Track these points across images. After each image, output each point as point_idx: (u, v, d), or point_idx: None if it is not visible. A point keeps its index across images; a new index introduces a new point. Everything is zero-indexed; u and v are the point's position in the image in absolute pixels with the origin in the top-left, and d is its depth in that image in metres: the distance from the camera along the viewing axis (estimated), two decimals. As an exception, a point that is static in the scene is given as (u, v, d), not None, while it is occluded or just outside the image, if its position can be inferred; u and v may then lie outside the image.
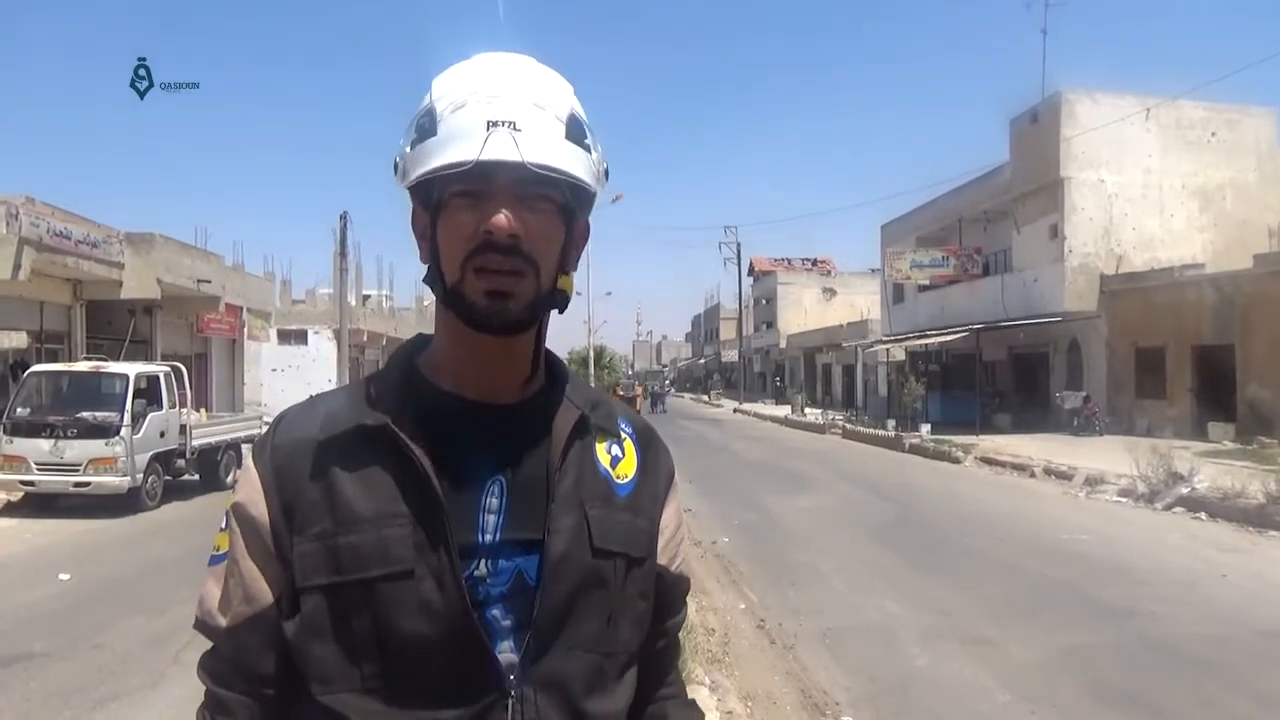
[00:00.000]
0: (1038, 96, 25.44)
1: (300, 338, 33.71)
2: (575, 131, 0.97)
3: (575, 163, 0.95)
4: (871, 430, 24.98)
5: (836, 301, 56.43)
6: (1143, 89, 24.42)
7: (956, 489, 14.64)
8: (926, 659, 5.95)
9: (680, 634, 1.21)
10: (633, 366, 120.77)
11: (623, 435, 1.10)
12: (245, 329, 28.65)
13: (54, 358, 17.79)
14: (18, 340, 16.93)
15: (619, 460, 1.07)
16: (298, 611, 0.95)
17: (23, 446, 11.85)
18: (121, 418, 12.10)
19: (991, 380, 28.38)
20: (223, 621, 0.99)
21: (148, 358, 19.45)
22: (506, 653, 0.94)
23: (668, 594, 1.13)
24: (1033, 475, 15.85)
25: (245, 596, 0.98)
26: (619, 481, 1.06)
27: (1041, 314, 24.36)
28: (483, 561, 0.95)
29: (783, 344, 55.33)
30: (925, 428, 23.11)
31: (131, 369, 13.20)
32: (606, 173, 1.03)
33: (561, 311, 1.05)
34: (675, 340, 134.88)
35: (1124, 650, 6.04)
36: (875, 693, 5.40)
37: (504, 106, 0.93)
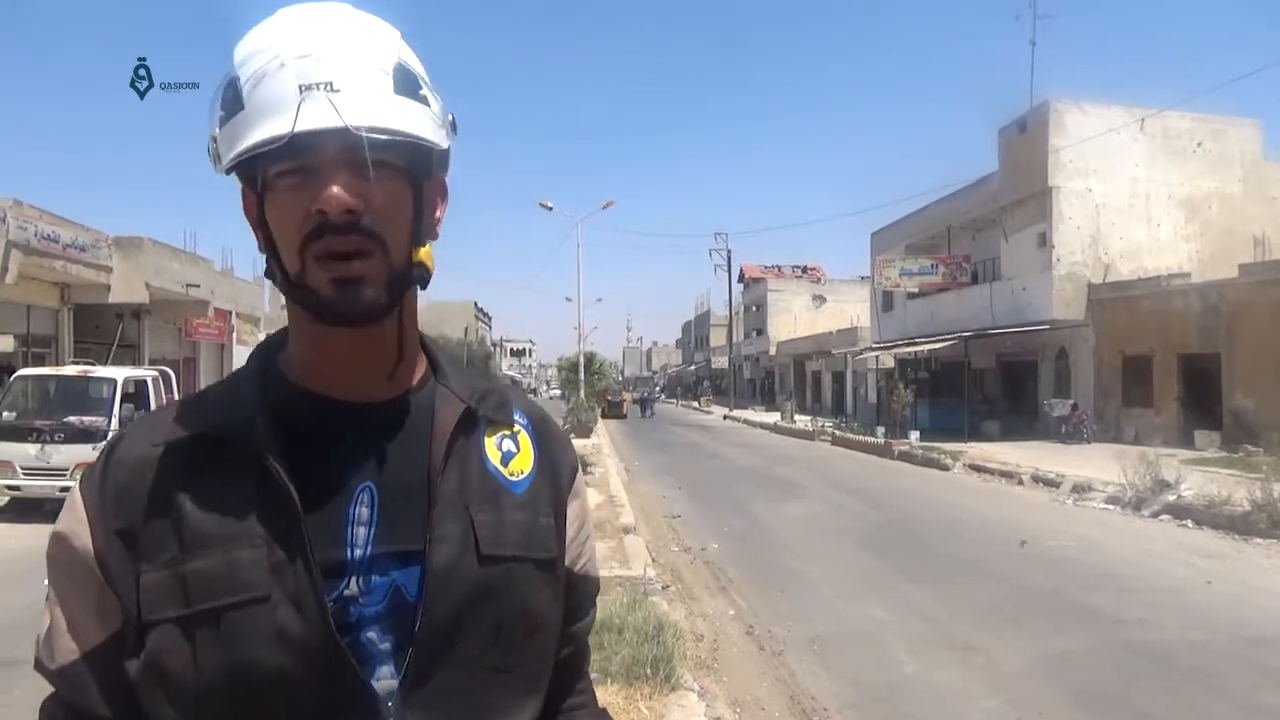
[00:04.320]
0: (1026, 107, 25.66)
1: (289, 343, 33.57)
2: (405, 83, 0.86)
3: (410, 118, 0.85)
4: (861, 437, 25.02)
5: (826, 309, 56.61)
6: (1130, 100, 24.70)
7: (945, 496, 14.68)
8: (914, 665, 5.96)
9: (589, 638, 1.12)
10: (623, 373, 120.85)
11: (517, 427, 1.00)
12: (234, 333, 28.58)
13: (41, 362, 17.70)
14: (4, 344, 16.84)
15: (512, 455, 0.97)
16: (143, 648, 0.82)
17: (8, 451, 11.75)
18: (109, 422, 12.01)
19: (980, 388, 28.50)
20: (52, 663, 0.88)
21: (135, 362, 19.39)
22: (386, 679, 0.84)
23: (573, 596, 1.02)
24: (1020, 483, 15.91)
25: (72, 635, 0.87)
26: (512, 478, 0.96)
27: (1030, 322, 24.50)
28: (353, 579, 0.85)
29: (773, 351, 55.44)
30: (914, 435, 23.18)
31: (119, 373, 13.12)
32: (454, 124, 0.92)
33: (423, 287, 0.94)
34: (666, 346, 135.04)
35: (1110, 656, 6.07)
36: (863, 699, 5.41)
37: (316, 66, 0.82)
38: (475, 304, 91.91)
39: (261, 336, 33.49)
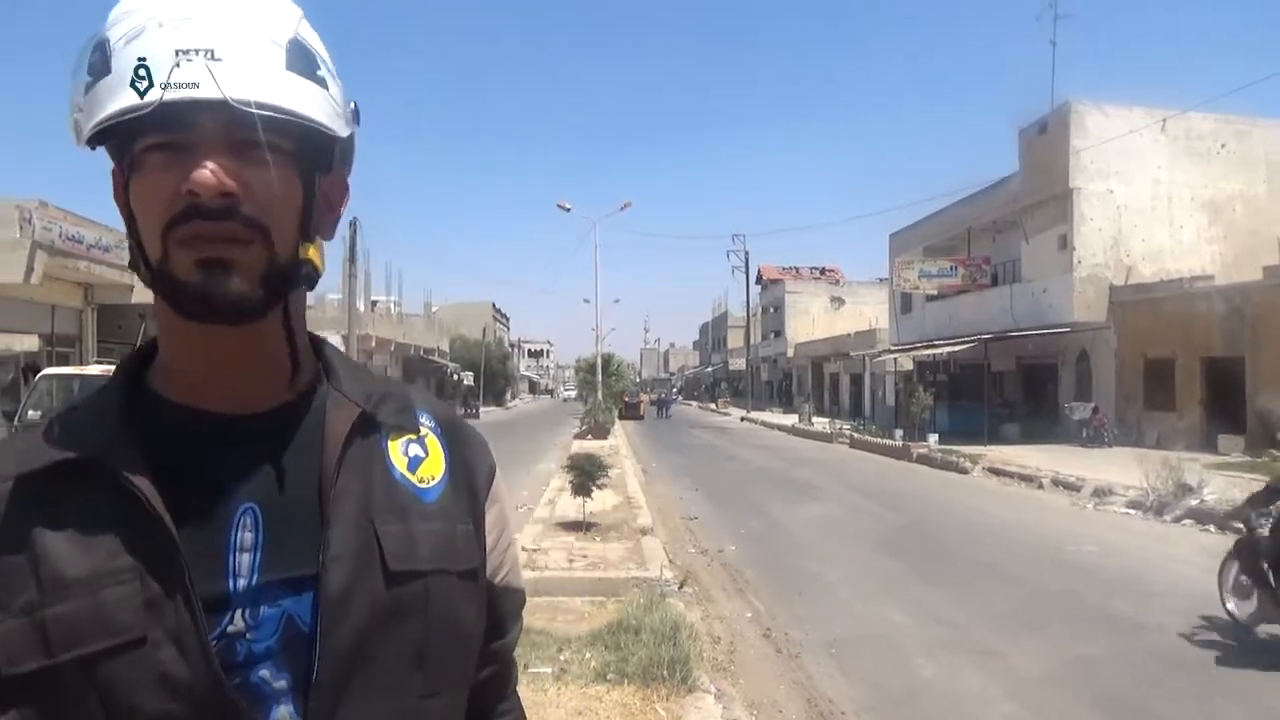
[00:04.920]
0: (1047, 108, 25.46)
1: (309, 343, 33.90)
2: (301, 61, 0.77)
3: (302, 98, 0.75)
4: (879, 440, 24.92)
5: (844, 311, 56.44)
6: (1152, 101, 24.46)
7: (964, 499, 14.60)
8: (932, 669, 5.94)
9: (514, 655, 1.03)
10: (640, 374, 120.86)
11: (423, 431, 0.91)
12: (254, 334, 28.78)
13: (65, 361, 17.93)
14: (29, 343, 17.05)
15: (420, 461, 0.88)
16: (9, 704, 0.72)
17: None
18: (131, 421, 12.16)
19: (1000, 391, 28.31)
20: None
21: (157, 362, 19.52)
22: (287, 719, 0.76)
23: (495, 611, 0.94)
24: (1040, 486, 15.81)
25: None
26: (422, 486, 0.87)
27: (1050, 324, 24.32)
28: (238, 612, 0.76)
29: (790, 353, 55.31)
30: (933, 438, 23.05)
31: (141, 373, 13.26)
32: (356, 113, 0.84)
33: (310, 288, 0.85)
34: (683, 348, 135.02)
35: (1130, 661, 6.02)
36: (881, 703, 5.39)
37: (197, 30, 0.72)
38: (493, 304, 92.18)
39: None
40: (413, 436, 0.89)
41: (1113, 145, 23.49)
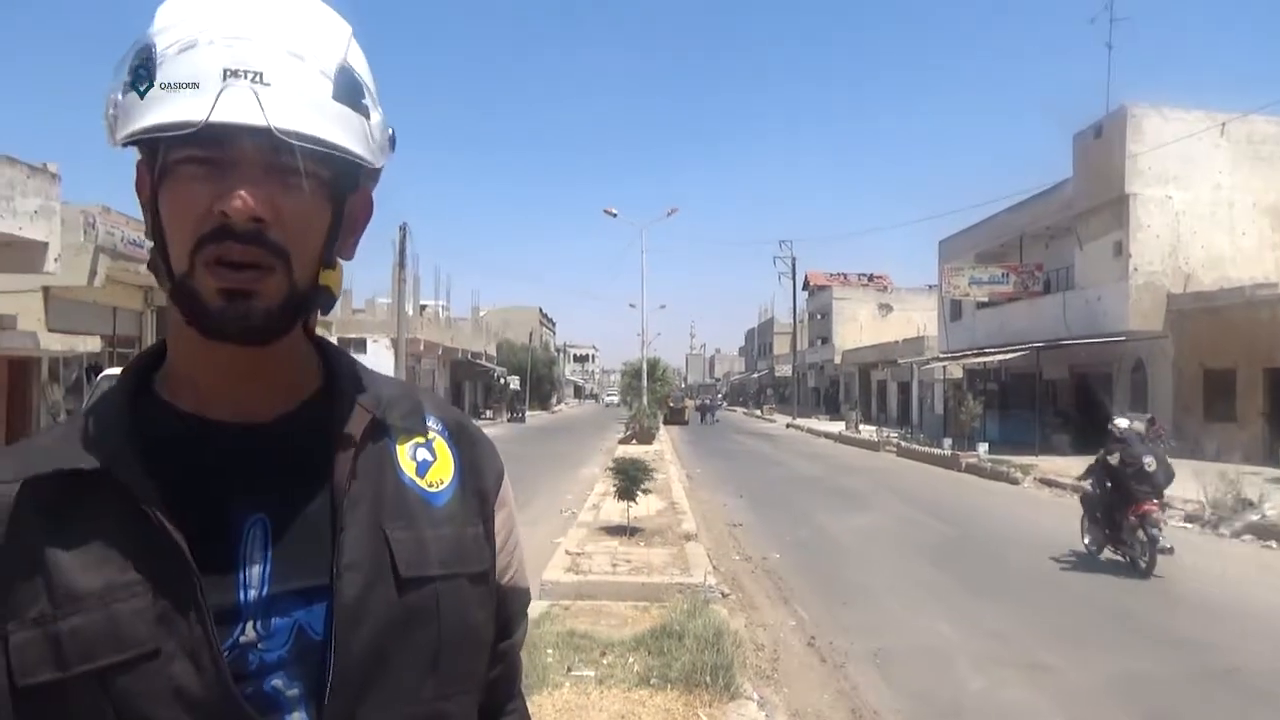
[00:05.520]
0: (1102, 111, 24.95)
1: (359, 346, 34.61)
2: (347, 90, 0.76)
3: (343, 130, 0.76)
4: (927, 449, 24.59)
5: (893, 318, 55.78)
6: (1212, 104, 23.84)
7: (1014, 510, 14.36)
8: (980, 682, 5.85)
9: (520, 655, 1.03)
10: (686, 380, 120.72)
11: (431, 434, 0.91)
12: (306, 337, 29.37)
13: (125, 361, 18.39)
14: (92, 344, 17.57)
15: (429, 465, 0.88)
16: (23, 716, 0.72)
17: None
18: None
19: (1052, 400, 27.76)
20: None
21: (213, 363, 20.01)
22: None
23: (504, 611, 0.94)
24: (1094, 498, 15.45)
25: None
26: (431, 490, 0.87)
27: (1105, 333, 23.81)
28: (250, 624, 0.76)
29: (837, 359, 54.82)
30: (982, 447, 22.69)
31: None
32: (393, 141, 0.83)
33: (325, 313, 0.85)
34: (729, 354, 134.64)
35: (1186, 681, 5.87)
36: (926, 715, 5.33)
37: (248, 52, 0.72)
38: (540, 309, 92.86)
39: (333, 340, 34.96)
40: (421, 440, 0.89)
41: (1171, 149, 22.95)
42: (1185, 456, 20.05)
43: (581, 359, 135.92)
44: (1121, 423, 10.19)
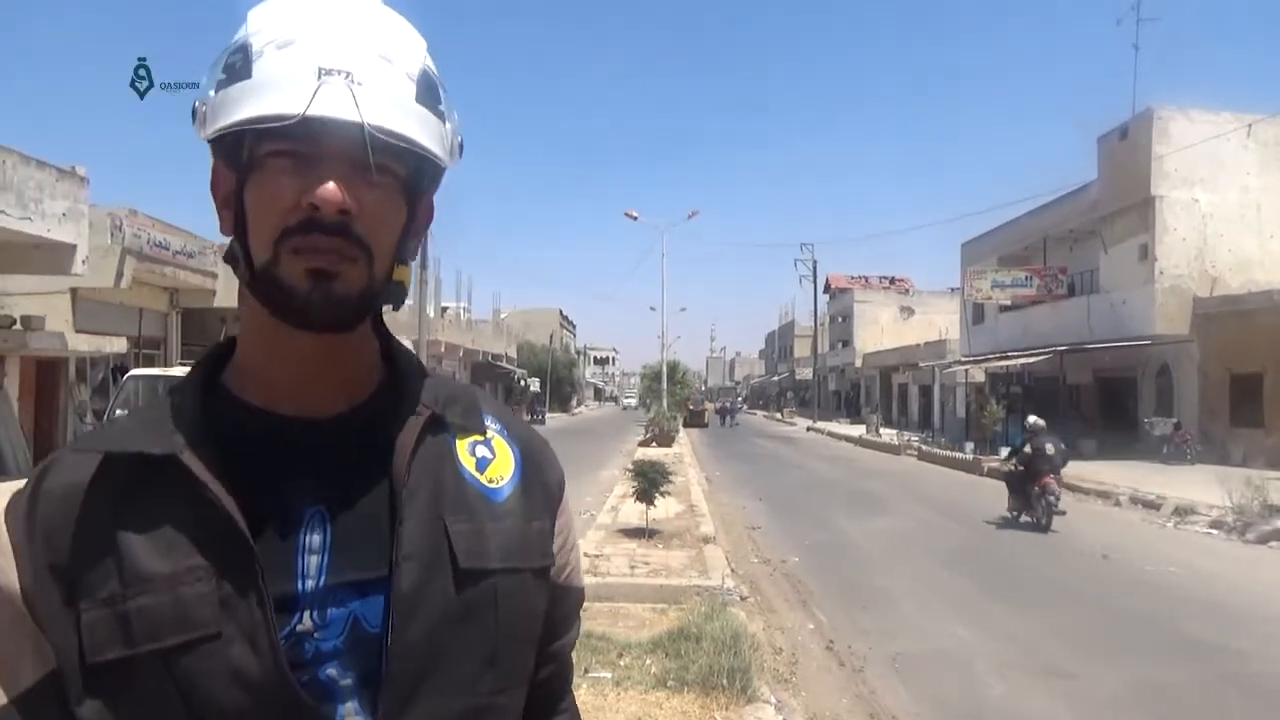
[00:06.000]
0: (1127, 113, 24.71)
1: (381, 347, 34.73)
2: (428, 93, 0.80)
3: (426, 131, 0.79)
4: (948, 453, 24.41)
5: (914, 320, 55.49)
6: (1240, 105, 23.54)
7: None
8: (1000, 688, 5.81)
9: (571, 655, 1.03)
10: (706, 383, 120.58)
11: (490, 433, 0.92)
12: (329, 338, 29.56)
13: (150, 363, 18.69)
14: (118, 345, 17.78)
15: (488, 462, 0.90)
16: (93, 691, 0.74)
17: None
18: (211, 422, 12.59)
19: (1076, 404, 27.51)
20: None
21: (237, 364, 20.20)
22: (351, 715, 0.78)
23: (557, 610, 0.95)
24: (1118, 503, 15.31)
25: (1, 677, 0.78)
26: (491, 486, 0.88)
27: (1130, 337, 23.56)
28: (307, 613, 0.78)
29: (858, 363, 54.59)
30: (1004, 451, 22.45)
31: (222, 375, 13.74)
32: (461, 147, 0.87)
33: (396, 308, 0.88)
34: (749, 357, 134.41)
35: (1210, 688, 5.81)
36: (945, 720, 5.30)
37: (342, 53, 0.75)
38: (560, 311, 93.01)
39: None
40: (479, 438, 0.91)
41: (1197, 151, 22.68)
42: (1211, 462, 19.86)
43: (602, 361, 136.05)
44: (1032, 419, 13.48)
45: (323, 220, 0.76)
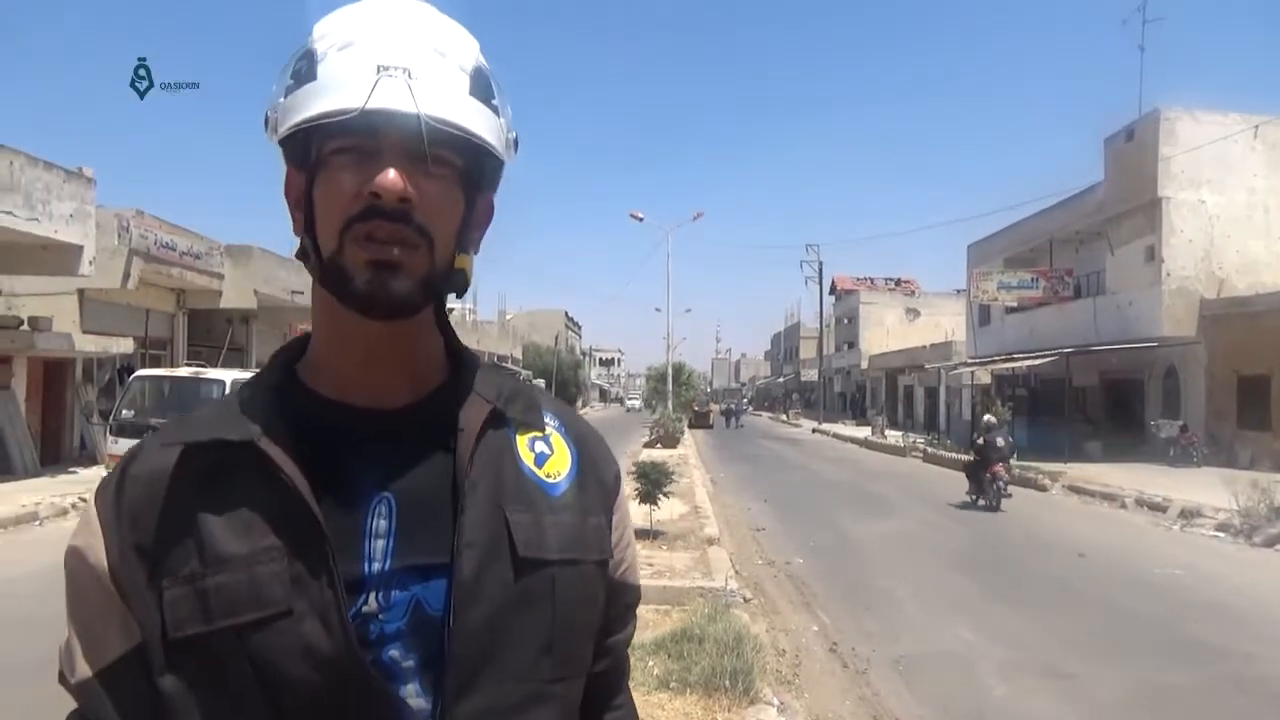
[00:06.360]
0: (1134, 114, 24.62)
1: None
2: (481, 87, 0.84)
3: (480, 122, 0.83)
4: (954, 454, 24.33)
5: (920, 322, 55.35)
6: (1247, 106, 23.45)
7: (1041, 517, 14.19)
8: (1004, 691, 5.80)
9: (628, 652, 1.05)
10: (711, 384, 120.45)
11: (549, 430, 0.96)
12: (335, 339, 29.60)
13: (157, 363, 18.73)
14: (125, 345, 17.86)
15: (546, 457, 0.93)
16: (174, 665, 0.79)
17: (127, 447, 12.43)
18: (218, 422, 12.61)
19: (1082, 406, 27.44)
20: (73, 676, 0.84)
21: (243, 365, 20.30)
22: (413, 697, 0.81)
23: (614, 606, 0.97)
24: (1124, 506, 15.27)
25: (90, 650, 0.83)
26: (549, 480, 0.91)
27: (1136, 339, 23.50)
28: (372, 595, 0.81)
29: (864, 364, 54.49)
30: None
31: (228, 376, 13.78)
32: (516, 142, 0.90)
33: (460, 296, 0.92)
34: (754, 358, 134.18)
35: (1216, 692, 5.79)
36: (949, 722, 5.29)
37: (398, 50, 0.80)
38: (565, 313, 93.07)
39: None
40: (539, 434, 0.94)
41: (1204, 152, 22.60)
42: (1218, 464, 19.78)
43: (607, 362, 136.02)
44: (987, 417, 16.71)
45: (384, 208, 0.79)
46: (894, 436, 33.30)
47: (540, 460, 0.92)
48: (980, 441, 15.30)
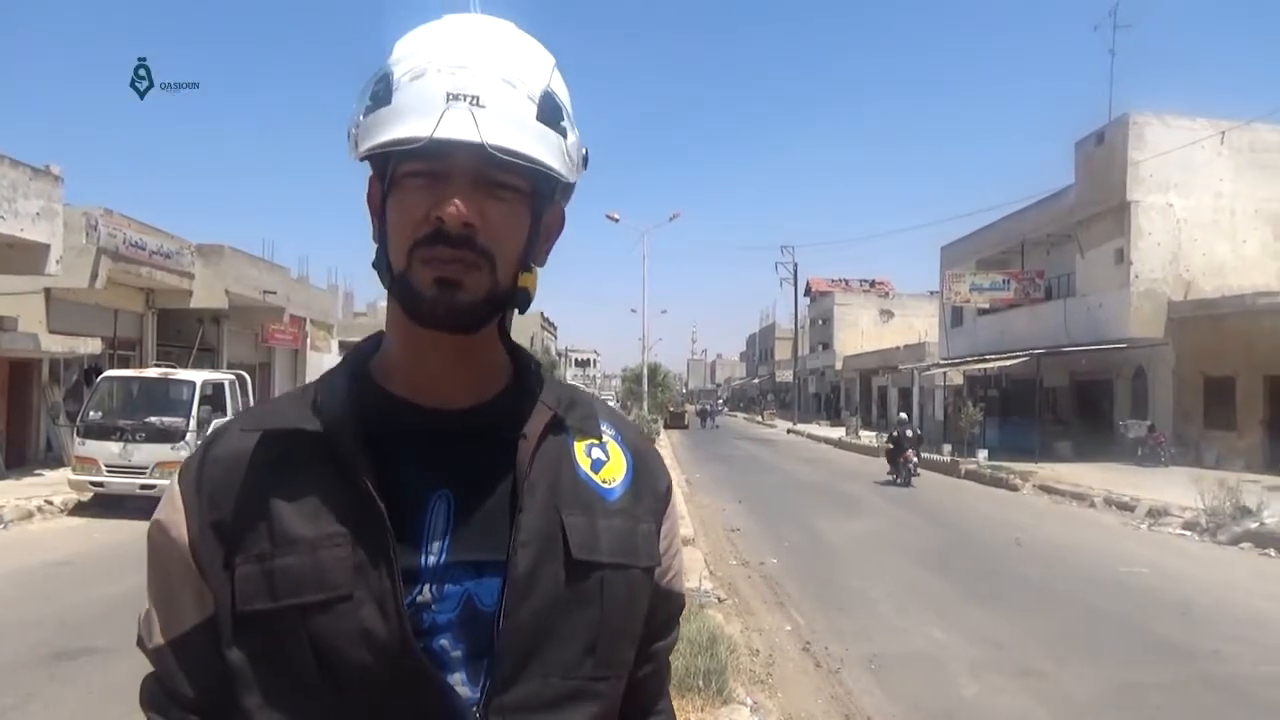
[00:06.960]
0: (1104, 119, 24.96)
1: (360, 349, 34.54)
2: (549, 112, 0.87)
3: (545, 147, 0.86)
4: (927, 455, 24.54)
5: (894, 323, 55.79)
6: (1214, 112, 23.85)
7: (1012, 517, 14.33)
8: (974, 689, 5.85)
9: (670, 658, 1.09)
10: (687, 385, 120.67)
11: (605, 438, 1.00)
12: (309, 340, 29.35)
13: (126, 364, 18.44)
14: (93, 346, 17.58)
15: (602, 464, 0.97)
16: (240, 638, 0.85)
17: (94, 449, 12.26)
18: (188, 423, 12.47)
19: (1052, 407, 27.76)
20: (150, 642, 0.91)
21: (214, 366, 20.06)
22: (459, 685, 0.85)
23: (659, 612, 1.01)
24: (1093, 505, 15.47)
25: (167, 618, 0.90)
26: (605, 486, 0.95)
27: (1106, 340, 23.81)
28: (427, 586, 0.85)
29: (838, 365, 54.83)
30: (982, 454, 22.67)
31: (198, 376, 13.61)
32: (585, 159, 0.93)
33: (522, 312, 0.95)
34: (730, 359, 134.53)
35: (1184, 689, 5.87)
36: (920, 721, 5.33)
37: (468, 79, 0.83)
38: (541, 314, 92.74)
39: (334, 343, 34.30)
40: (595, 441, 0.98)
41: (1172, 157, 22.95)
42: (1185, 464, 20.08)
43: (583, 364, 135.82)
44: (901, 415, 21.65)
45: (448, 233, 0.84)
46: (867, 437, 33.49)
47: (596, 466, 0.96)
48: (895, 434, 19.66)
